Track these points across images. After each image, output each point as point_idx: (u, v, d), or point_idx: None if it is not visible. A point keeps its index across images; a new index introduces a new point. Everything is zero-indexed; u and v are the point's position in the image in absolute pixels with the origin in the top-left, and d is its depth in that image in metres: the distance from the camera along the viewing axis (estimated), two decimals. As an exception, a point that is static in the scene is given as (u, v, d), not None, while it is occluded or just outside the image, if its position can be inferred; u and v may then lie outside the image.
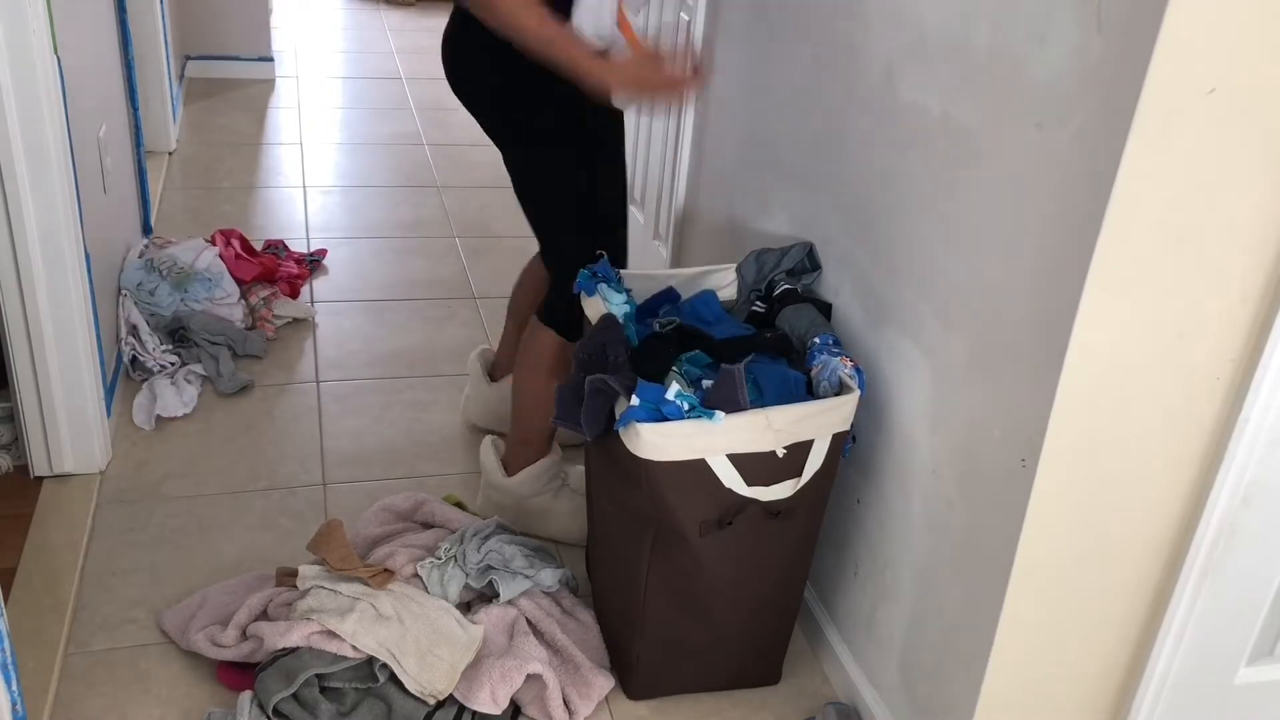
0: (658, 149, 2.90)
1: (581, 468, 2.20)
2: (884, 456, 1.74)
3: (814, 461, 1.67)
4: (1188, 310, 1.31)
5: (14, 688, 1.39)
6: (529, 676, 1.77)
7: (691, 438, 1.60)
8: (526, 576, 1.95)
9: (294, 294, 2.99)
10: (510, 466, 2.18)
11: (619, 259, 2.04)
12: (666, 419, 1.58)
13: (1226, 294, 1.31)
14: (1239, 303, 1.32)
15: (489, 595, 1.95)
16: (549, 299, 2.09)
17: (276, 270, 3.01)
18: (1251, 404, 1.36)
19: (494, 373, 2.49)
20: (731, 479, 1.63)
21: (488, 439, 2.24)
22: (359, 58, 5.31)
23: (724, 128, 2.38)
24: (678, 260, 2.73)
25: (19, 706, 1.41)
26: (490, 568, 1.95)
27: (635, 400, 1.58)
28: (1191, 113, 1.18)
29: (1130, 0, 1.18)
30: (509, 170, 2.04)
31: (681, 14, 2.64)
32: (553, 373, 2.08)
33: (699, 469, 1.62)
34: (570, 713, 1.79)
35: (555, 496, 2.18)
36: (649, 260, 3.00)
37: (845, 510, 1.88)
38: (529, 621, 1.90)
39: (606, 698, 1.85)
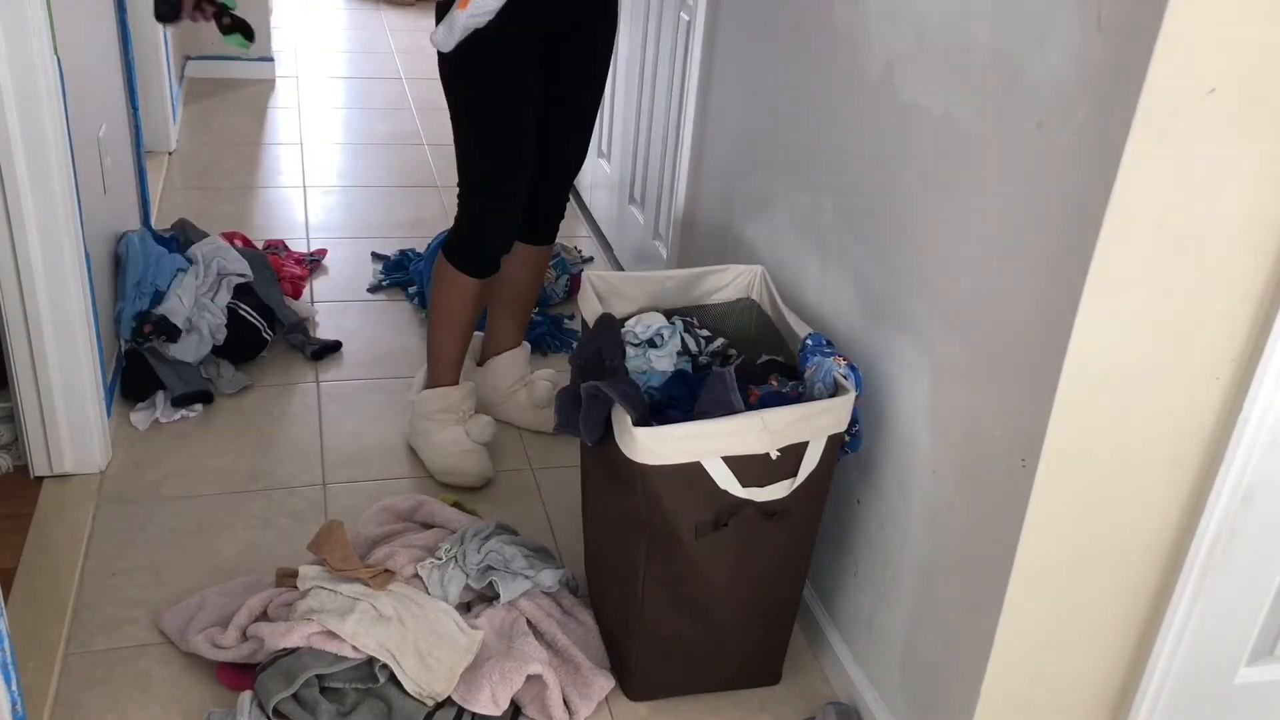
0: (658, 149, 2.90)
1: (485, 418, 2.37)
2: (884, 456, 1.74)
3: (809, 462, 1.67)
4: (1188, 310, 1.31)
5: (14, 688, 1.39)
6: (529, 677, 1.77)
7: (686, 441, 1.60)
8: (526, 577, 1.95)
9: (294, 294, 2.99)
10: (425, 385, 2.36)
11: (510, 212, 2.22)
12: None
13: (1226, 294, 1.31)
14: (1239, 303, 1.32)
15: (489, 596, 1.95)
16: (453, 229, 2.27)
17: (278, 270, 3.00)
18: (1251, 404, 1.36)
19: (482, 357, 2.57)
20: (726, 480, 1.63)
21: (424, 368, 2.41)
22: (359, 58, 5.31)
23: (724, 128, 2.38)
24: (678, 260, 2.73)
25: (19, 706, 1.41)
26: (490, 568, 1.95)
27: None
28: (1191, 113, 1.18)
29: (1130, 0, 1.18)
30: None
31: (681, 14, 2.64)
32: (449, 299, 2.27)
33: (694, 472, 1.62)
34: (570, 713, 1.79)
35: (441, 427, 2.31)
36: (649, 260, 3.00)
37: (845, 510, 1.88)
38: (529, 622, 1.90)
39: (607, 698, 1.85)
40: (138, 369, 2.52)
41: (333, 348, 2.80)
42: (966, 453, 1.53)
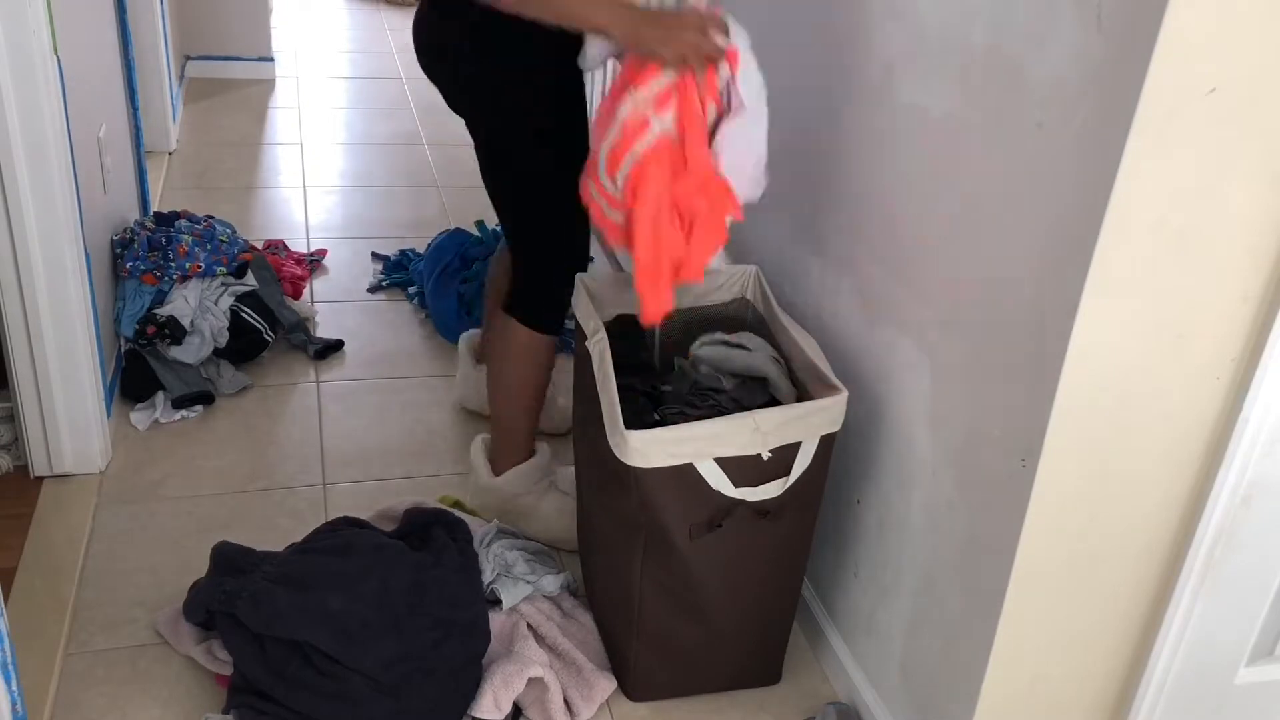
0: (658, 149, 2.90)
1: (570, 469, 2.21)
2: (884, 456, 1.74)
3: (802, 461, 1.67)
4: (1188, 310, 1.31)
5: (14, 688, 1.39)
6: (530, 680, 1.77)
7: (678, 443, 1.60)
8: (528, 582, 1.95)
9: (295, 294, 2.99)
10: (496, 465, 2.17)
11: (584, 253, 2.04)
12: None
13: (1226, 294, 1.31)
14: (1239, 302, 1.32)
15: (490, 600, 1.94)
16: (515, 288, 2.04)
17: (279, 270, 3.00)
18: (1251, 404, 1.36)
19: (481, 356, 2.49)
20: (719, 481, 1.63)
21: (479, 438, 2.25)
22: (359, 58, 5.31)
23: (724, 128, 2.37)
24: (678, 260, 2.72)
25: (19, 706, 1.41)
26: (492, 573, 1.95)
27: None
28: (1191, 113, 1.18)
29: (1130, 0, 1.18)
30: (479, 154, 1.98)
31: (681, 14, 2.64)
32: (525, 368, 2.07)
33: (687, 473, 1.62)
34: (572, 715, 1.79)
35: (541, 497, 2.17)
36: (649, 260, 3.00)
37: (845, 510, 1.88)
38: (530, 625, 1.90)
39: (607, 700, 1.85)
40: (138, 369, 2.52)
41: (335, 346, 2.80)
42: (966, 453, 1.53)
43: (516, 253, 2.04)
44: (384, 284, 3.15)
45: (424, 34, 1.95)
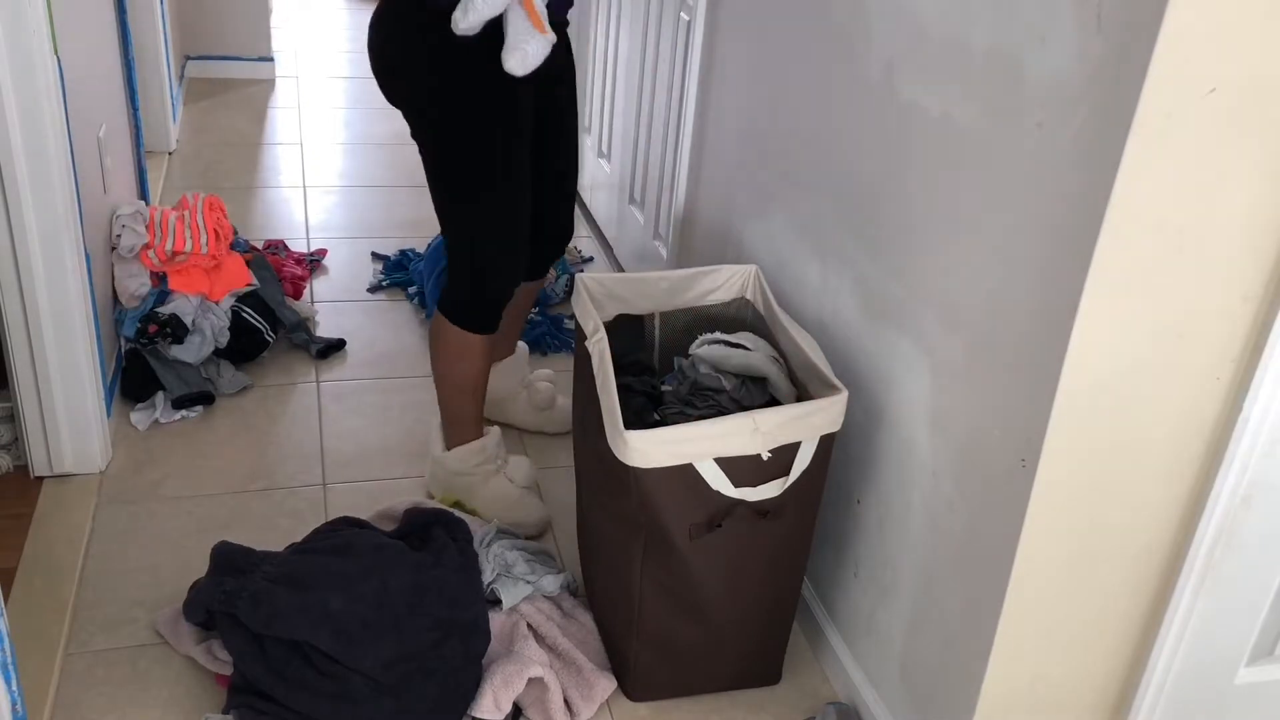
0: (658, 149, 2.90)
1: (523, 459, 2.30)
2: (884, 456, 1.74)
3: (801, 461, 1.67)
4: (1188, 310, 1.31)
5: (14, 688, 1.39)
6: (530, 680, 1.77)
7: (679, 444, 1.61)
8: (528, 583, 1.95)
9: (295, 294, 2.99)
10: (448, 443, 2.24)
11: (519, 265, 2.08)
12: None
13: (1226, 294, 1.31)
14: (1239, 303, 1.32)
15: (490, 600, 1.94)
16: (445, 282, 2.11)
17: (279, 270, 3.00)
18: (1251, 404, 1.36)
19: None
20: (719, 481, 1.63)
21: (438, 420, 2.29)
22: (359, 58, 5.27)
23: (724, 128, 2.38)
24: (678, 260, 2.73)
25: (19, 706, 1.41)
26: (492, 573, 1.95)
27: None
28: (1191, 113, 1.18)
29: (1130, 0, 1.18)
30: (421, 150, 2.06)
31: (681, 14, 2.64)
32: (460, 364, 2.13)
33: (686, 474, 1.62)
34: (572, 714, 1.79)
35: (485, 480, 2.22)
36: (649, 260, 3.00)
37: (845, 510, 1.88)
38: (530, 625, 1.90)
39: (607, 700, 1.85)
40: (138, 369, 2.52)
41: (338, 345, 2.81)
42: (966, 453, 1.53)
43: (449, 254, 2.09)
44: (384, 284, 3.16)
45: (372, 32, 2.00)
